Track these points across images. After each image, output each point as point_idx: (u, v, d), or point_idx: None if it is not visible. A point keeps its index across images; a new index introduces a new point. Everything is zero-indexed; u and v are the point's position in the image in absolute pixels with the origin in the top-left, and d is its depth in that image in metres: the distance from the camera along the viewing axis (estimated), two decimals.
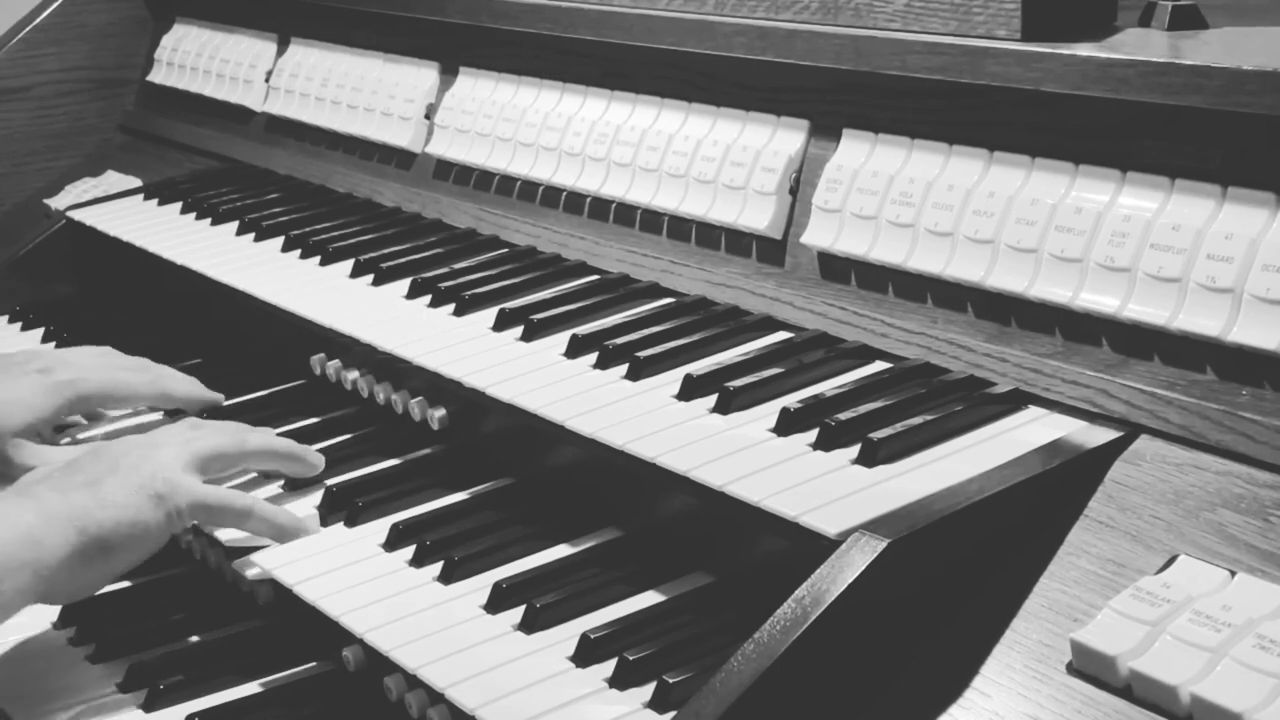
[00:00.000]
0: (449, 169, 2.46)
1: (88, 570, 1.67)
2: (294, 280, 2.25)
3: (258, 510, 1.78)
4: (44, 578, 1.62)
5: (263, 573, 1.74)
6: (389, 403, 1.99)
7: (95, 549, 1.66)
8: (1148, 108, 1.51)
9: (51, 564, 1.62)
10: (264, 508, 1.78)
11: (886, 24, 1.78)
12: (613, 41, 2.15)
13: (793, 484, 1.48)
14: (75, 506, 1.66)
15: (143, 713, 1.68)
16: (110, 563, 1.69)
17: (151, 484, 1.71)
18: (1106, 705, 1.24)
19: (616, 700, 1.44)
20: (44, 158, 3.19)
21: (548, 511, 1.77)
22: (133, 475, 1.71)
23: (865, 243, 1.79)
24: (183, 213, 2.64)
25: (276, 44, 2.92)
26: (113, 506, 1.68)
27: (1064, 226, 1.59)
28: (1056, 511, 1.42)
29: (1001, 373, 1.62)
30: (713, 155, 2.00)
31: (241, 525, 1.78)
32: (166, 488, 1.72)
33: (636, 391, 1.74)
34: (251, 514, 1.77)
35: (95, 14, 3.23)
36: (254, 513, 1.77)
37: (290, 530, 1.78)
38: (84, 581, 1.69)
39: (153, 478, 1.72)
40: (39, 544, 1.62)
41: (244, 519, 1.77)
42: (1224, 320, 1.44)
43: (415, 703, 1.55)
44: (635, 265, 2.07)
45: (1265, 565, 1.29)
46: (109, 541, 1.67)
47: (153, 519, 1.71)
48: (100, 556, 1.67)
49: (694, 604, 1.58)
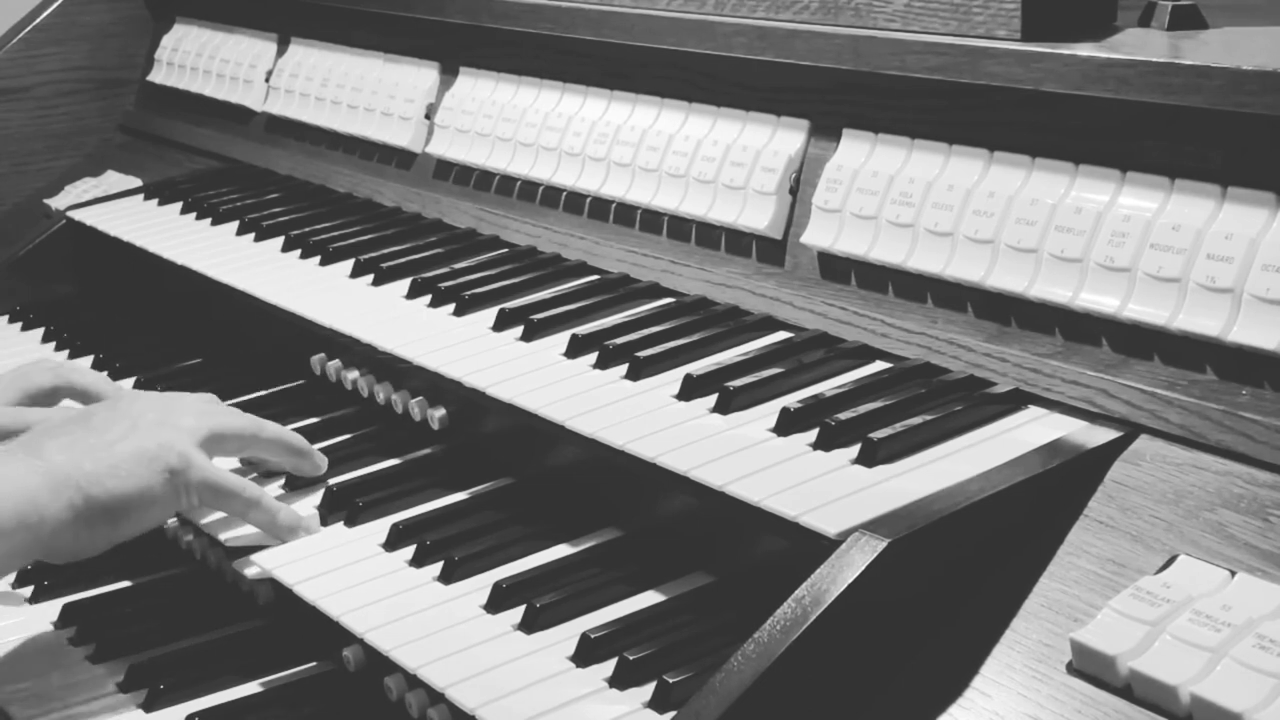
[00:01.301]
0: (449, 169, 2.46)
1: (91, 533, 1.67)
2: (294, 280, 2.25)
3: (264, 502, 1.77)
4: (43, 539, 1.63)
5: (262, 572, 1.74)
6: (389, 403, 1.99)
7: (100, 515, 1.66)
8: (1148, 108, 1.51)
9: (53, 527, 1.62)
10: (270, 501, 1.78)
11: (886, 24, 1.78)
12: (613, 41, 2.15)
13: (793, 484, 1.48)
14: (83, 471, 1.65)
15: (143, 713, 1.67)
16: (115, 528, 1.69)
17: (165, 456, 1.70)
18: (1106, 705, 1.24)
19: (616, 700, 1.44)
20: (44, 158, 3.19)
21: (548, 511, 1.77)
22: (149, 442, 1.70)
23: (865, 243, 1.79)
24: (183, 213, 2.64)
25: (276, 44, 2.92)
26: (123, 475, 1.67)
27: (1064, 226, 1.59)
28: (1056, 511, 1.42)
29: (1001, 373, 1.62)
30: (713, 155, 2.00)
31: (246, 514, 1.77)
32: (180, 463, 1.71)
33: (636, 391, 1.74)
34: (259, 504, 1.76)
35: (95, 14, 3.23)
36: (260, 504, 1.76)
37: (290, 528, 1.78)
38: (87, 544, 1.69)
39: (168, 449, 1.71)
40: (42, 508, 1.62)
41: (250, 508, 1.76)
42: (1224, 320, 1.44)
43: (415, 703, 1.55)
44: (635, 265, 2.07)
45: (1265, 565, 1.29)
46: (114, 509, 1.67)
47: (161, 492, 1.70)
48: (105, 522, 1.67)
49: (694, 604, 1.58)
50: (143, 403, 1.80)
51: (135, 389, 2.23)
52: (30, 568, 1.98)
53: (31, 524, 1.61)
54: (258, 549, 1.77)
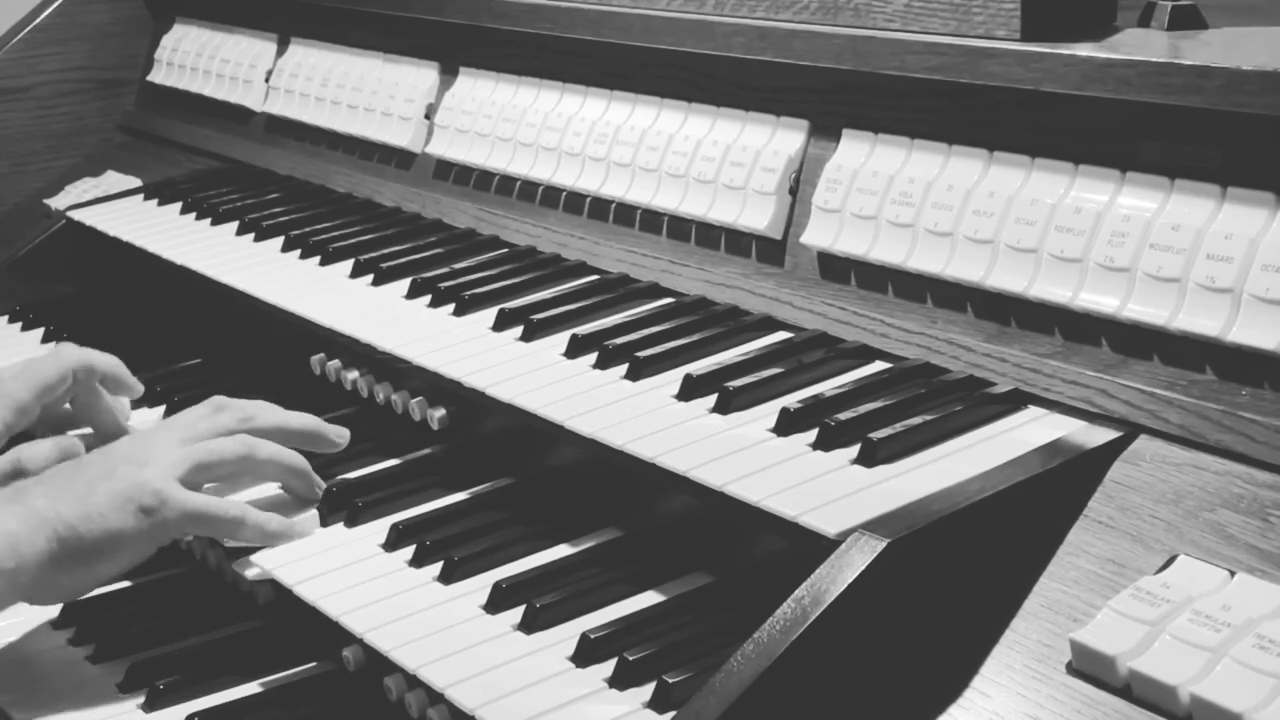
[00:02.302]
0: (449, 169, 2.46)
1: (71, 577, 1.68)
2: (294, 280, 2.25)
3: (249, 519, 1.74)
4: (22, 584, 1.64)
5: (263, 573, 1.74)
6: (389, 403, 1.99)
7: (75, 558, 1.66)
8: (1148, 108, 1.51)
9: (32, 572, 1.63)
10: (255, 517, 1.75)
11: (886, 24, 1.78)
12: (612, 41, 2.15)
13: (792, 484, 1.48)
14: (59, 515, 1.66)
15: (143, 713, 1.67)
16: (92, 571, 1.69)
17: (138, 496, 1.69)
18: (1106, 705, 1.24)
19: (616, 700, 1.44)
20: (44, 158, 3.19)
21: (548, 511, 1.77)
22: (122, 484, 1.69)
23: (865, 243, 1.79)
24: (183, 213, 2.64)
25: (276, 44, 2.92)
26: (95, 518, 1.67)
27: (1064, 226, 1.59)
28: (1056, 511, 1.42)
29: (1001, 373, 1.62)
30: (712, 155, 2.00)
31: (235, 534, 1.75)
32: (154, 500, 1.70)
33: (636, 391, 1.74)
34: (243, 523, 1.74)
35: (95, 14, 3.23)
36: (245, 522, 1.74)
37: (281, 536, 1.77)
38: (67, 586, 1.70)
39: (140, 489, 1.69)
40: (20, 552, 1.63)
41: (237, 529, 1.74)
42: (1223, 320, 1.44)
43: (415, 703, 1.55)
44: (635, 265, 2.07)
45: (1265, 565, 1.29)
46: (88, 552, 1.67)
47: (135, 531, 1.69)
48: (81, 565, 1.67)
49: (694, 604, 1.58)
50: (126, 445, 1.79)
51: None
52: None
53: (8, 569, 1.62)
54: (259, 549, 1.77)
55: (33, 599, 1.70)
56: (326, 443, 1.88)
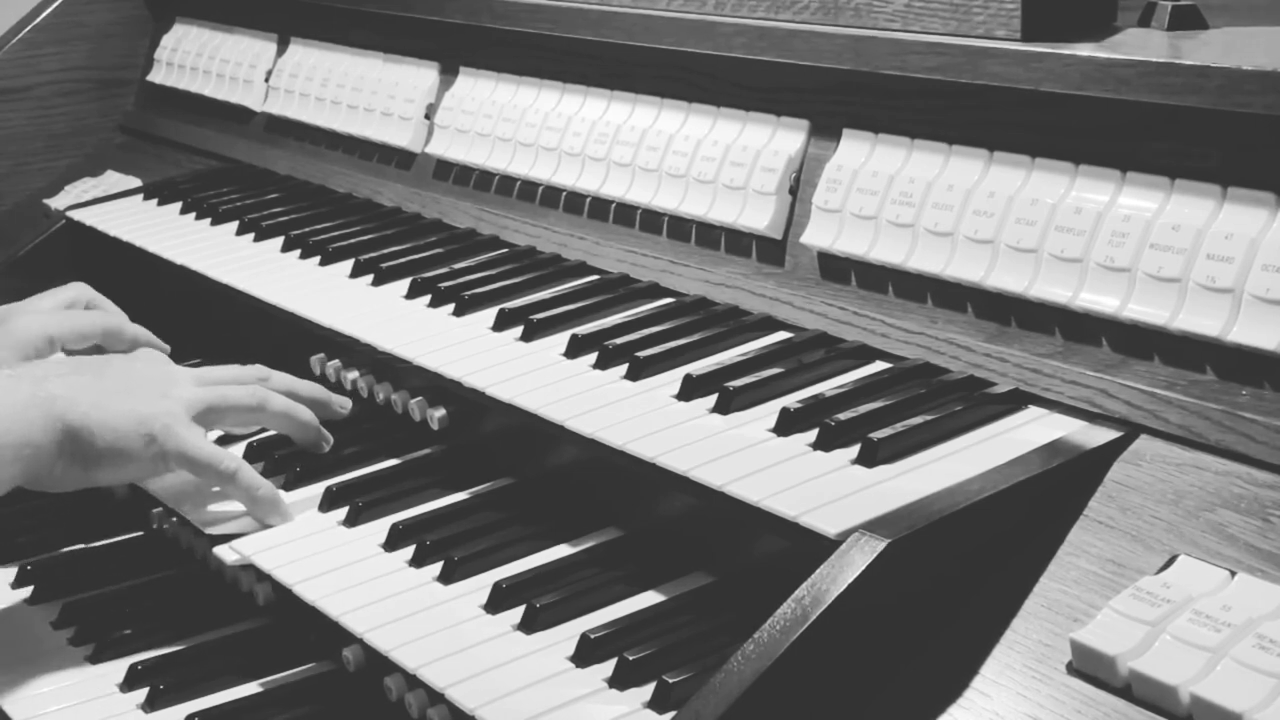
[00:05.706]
0: (449, 169, 2.46)
1: (67, 470, 1.73)
2: (294, 280, 2.25)
3: (241, 476, 1.78)
4: (32, 470, 1.70)
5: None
6: (389, 403, 1.99)
7: (78, 456, 1.72)
8: (1148, 108, 1.51)
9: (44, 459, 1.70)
10: (249, 476, 1.79)
11: (886, 24, 1.78)
12: (613, 41, 2.15)
13: (793, 484, 1.48)
14: (77, 411, 1.71)
15: (143, 712, 1.68)
16: (87, 473, 1.75)
17: (150, 422, 1.75)
18: (1106, 705, 1.24)
19: (616, 700, 1.44)
20: (44, 158, 3.19)
21: (548, 511, 1.77)
22: (141, 405, 1.75)
23: (865, 243, 1.79)
24: (182, 213, 2.64)
25: (276, 44, 2.92)
26: (109, 427, 1.73)
27: (1064, 226, 1.59)
28: (1056, 511, 1.42)
29: (1001, 373, 1.62)
30: (713, 155, 2.00)
31: (224, 487, 1.79)
32: (162, 432, 1.75)
33: (636, 391, 1.74)
34: (234, 477, 1.78)
35: (95, 14, 3.23)
36: (237, 477, 1.78)
37: (266, 505, 1.78)
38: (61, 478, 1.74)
39: (154, 416, 1.75)
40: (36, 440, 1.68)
41: (225, 481, 1.79)
42: (1224, 320, 1.44)
43: (415, 703, 1.55)
44: (635, 265, 2.07)
45: (1265, 565, 1.29)
46: (91, 455, 1.73)
47: (136, 453, 1.75)
48: (79, 464, 1.73)
49: (694, 604, 1.58)
50: (155, 368, 1.86)
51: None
52: (30, 567, 1.98)
53: (26, 456, 1.68)
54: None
55: (31, 483, 1.73)
56: (331, 410, 1.95)
